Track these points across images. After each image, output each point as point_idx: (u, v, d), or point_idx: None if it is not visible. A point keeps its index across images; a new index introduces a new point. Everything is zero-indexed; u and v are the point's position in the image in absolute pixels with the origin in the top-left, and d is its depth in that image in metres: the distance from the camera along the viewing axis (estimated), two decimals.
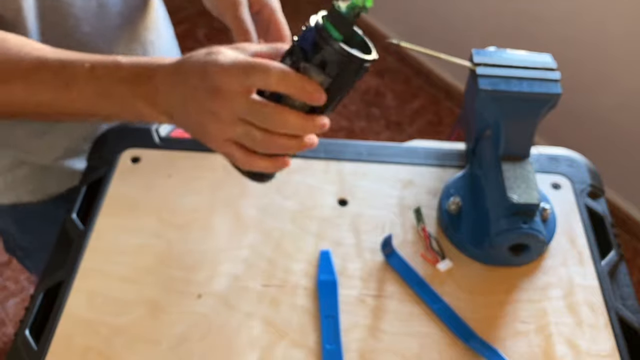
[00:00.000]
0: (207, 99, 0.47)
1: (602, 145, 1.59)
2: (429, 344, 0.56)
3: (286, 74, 0.46)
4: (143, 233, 0.63)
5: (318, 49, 0.46)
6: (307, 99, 0.47)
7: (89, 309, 0.57)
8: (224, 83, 0.46)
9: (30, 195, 0.75)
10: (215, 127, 0.49)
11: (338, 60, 0.46)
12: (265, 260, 0.62)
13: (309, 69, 0.47)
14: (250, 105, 0.47)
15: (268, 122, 0.48)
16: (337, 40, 0.46)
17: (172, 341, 0.56)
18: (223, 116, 0.48)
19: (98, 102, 0.52)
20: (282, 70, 0.46)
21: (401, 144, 0.74)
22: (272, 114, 0.47)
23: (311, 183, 0.69)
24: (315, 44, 0.46)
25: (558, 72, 0.59)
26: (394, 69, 2.10)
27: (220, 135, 0.49)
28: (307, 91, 0.47)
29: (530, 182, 0.58)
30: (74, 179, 0.73)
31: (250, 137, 0.49)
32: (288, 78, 0.46)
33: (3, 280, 1.56)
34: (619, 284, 0.62)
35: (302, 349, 0.55)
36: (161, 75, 0.50)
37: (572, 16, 1.50)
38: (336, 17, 0.46)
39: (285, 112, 0.48)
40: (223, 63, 0.47)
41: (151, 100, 0.51)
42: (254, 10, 0.61)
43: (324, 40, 0.46)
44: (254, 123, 0.48)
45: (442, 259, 0.62)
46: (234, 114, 0.47)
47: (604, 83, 1.53)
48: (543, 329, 0.57)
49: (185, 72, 0.49)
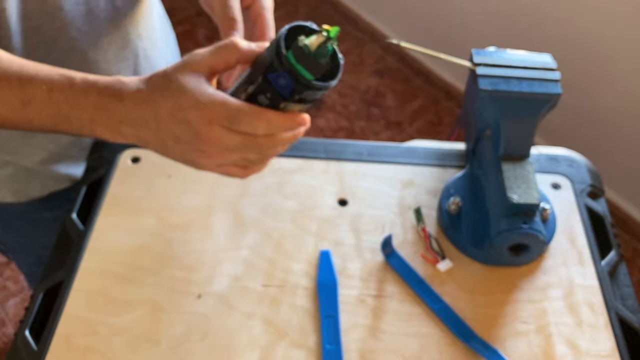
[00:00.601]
0: (193, 142, 0.47)
1: (602, 145, 1.59)
2: (429, 344, 0.56)
3: (271, 123, 0.46)
4: (143, 233, 0.63)
5: (296, 92, 0.46)
6: (294, 134, 0.48)
7: (89, 309, 0.57)
8: (208, 125, 0.45)
9: (13, 196, 0.73)
10: (207, 161, 0.49)
11: (316, 93, 0.46)
12: (265, 260, 0.62)
13: (289, 105, 0.47)
14: (241, 141, 0.47)
15: (262, 150, 0.48)
16: (312, 79, 0.45)
17: (172, 341, 0.56)
18: (214, 152, 0.47)
19: (55, 124, 0.50)
20: (267, 121, 0.46)
21: (401, 144, 0.74)
22: (263, 145, 0.48)
23: (311, 183, 0.69)
24: (292, 90, 0.46)
25: (558, 72, 0.59)
26: (394, 69, 2.10)
27: (213, 166, 0.49)
28: (293, 129, 0.47)
29: (530, 182, 0.58)
30: (58, 182, 0.73)
31: (245, 160, 0.49)
32: (273, 125, 0.46)
33: (3, 280, 1.56)
34: (619, 284, 0.62)
35: (302, 349, 0.55)
36: (123, 111, 0.48)
37: (572, 16, 1.50)
38: (306, 58, 0.45)
39: (277, 138, 0.48)
40: (199, 102, 0.45)
41: (113, 129, 0.49)
42: (245, 4, 0.58)
43: (302, 85, 0.45)
44: (246, 152, 0.48)
45: (442, 259, 0.62)
46: (225, 147, 0.47)
47: (604, 83, 1.53)
48: (543, 329, 0.57)
49: (156, 106, 0.47)
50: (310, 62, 0.44)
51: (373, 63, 2.12)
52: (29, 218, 0.76)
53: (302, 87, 0.45)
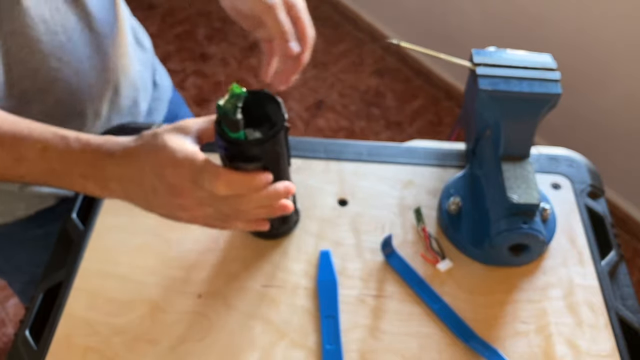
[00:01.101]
0: (169, 196, 0.50)
1: (602, 145, 1.59)
2: (429, 344, 0.56)
3: (230, 183, 0.48)
4: (143, 233, 0.63)
5: (235, 153, 0.50)
6: (268, 194, 0.51)
7: (89, 309, 0.57)
8: (180, 179, 0.48)
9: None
10: (185, 214, 0.52)
11: (255, 149, 0.50)
12: (265, 260, 0.62)
13: (240, 166, 0.50)
14: (209, 196, 0.49)
15: (235, 206, 0.51)
16: (242, 138, 0.49)
17: (172, 341, 0.56)
18: (189, 205, 0.50)
19: (47, 180, 0.52)
20: (225, 181, 0.48)
21: (401, 144, 0.74)
22: (234, 202, 0.50)
23: (311, 183, 0.69)
24: (230, 153, 0.50)
25: (558, 72, 0.59)
26: (394, 69, 2.10)
27: (192, 219, 0.52)
28: (254, 187, 0.50)
29: (530, 182, 0.58)
30: (43, 201, 0.72)
31: (221, 214, 0.52)
32: (232, 185, 0.48)
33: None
34: (619, 284, 0.62)
35: (302, 349, 0.55)
36: (112, 166, 0.51)
37: (572, 16, 1.50)
38: (228, 120, 0.48)
39: (248, 197, 0.50)
40: (175, 158, 0.48)
41: (102, 185, 0.52)
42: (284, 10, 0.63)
43: (234, 145, 0.49)
44: (219, 206, 0.51)
45: (442, 259, 0.62)
46: (198, 201, 0.50)
47: (604, 83, 1.53)
48: (543, 329, 0.57)
49: (140, 160, 0.50)
50: (229, 121, 0.48)
51: (373, 63, 2.12)
52: (17, 238, 0.75)
53: (230, 144, 0.49)
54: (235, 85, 0.48)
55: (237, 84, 0.48)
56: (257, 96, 0.51)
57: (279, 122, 0.51)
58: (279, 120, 0.51)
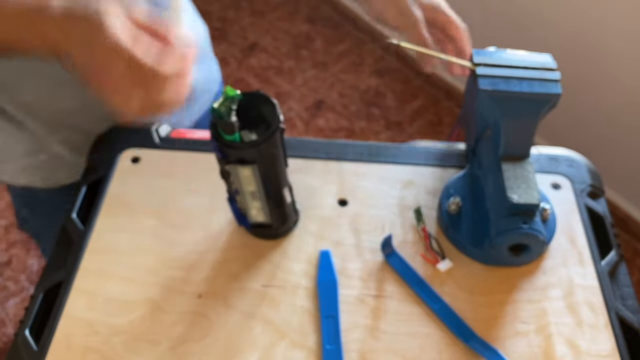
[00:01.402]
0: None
1: (602, 145, 1.59)
2: (429, 344, 0.56)
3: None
4: (143, 233, 0.63)
5: (231, 155, 0.51)
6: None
7: (89, 309, 0.57)
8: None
9: (42, 182, 0.78)
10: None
11: (251, 151, 0.50)
12: (265, 260, 0.62)
13: (237, 168, 0.51)
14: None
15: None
16: (237, 140, 0.50)
17: (172, 341, 0.56)
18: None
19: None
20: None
21: (401, 144, 0.74)
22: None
23: (311, 183, 0.69)
24: (226, 155, 0.51)
25: (558, 72, 0.59)
26: (394, 69, 2.10)
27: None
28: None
29: (530, 182, 0.58)
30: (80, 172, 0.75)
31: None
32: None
33: (3, 280, 1.56)
34: (619, 284, 0.62)
35: (302, 349, 0.55)
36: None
37: (573, 16, 1.50)
38: (223, 123, 0.49)
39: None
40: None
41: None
42: (429, 20, 0.68)
43: (229, 147, 0.50)
44: None
45: (442, 259, 0.62)
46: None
47: (604, 83, 1.53)
48: (543, 329, 0.57)
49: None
50: (223, 123, 0.49)
51: (373, 63, 2.12)
52: (55, 204, 0.78)
53: (226, 147, 0.50)
54: (229, 88, 0.48)
55: (231, 86, 0.49)
56: (252, 98, 0.51)
57: (274, 124, 0.51)
58: (274, 121, 0.51)
